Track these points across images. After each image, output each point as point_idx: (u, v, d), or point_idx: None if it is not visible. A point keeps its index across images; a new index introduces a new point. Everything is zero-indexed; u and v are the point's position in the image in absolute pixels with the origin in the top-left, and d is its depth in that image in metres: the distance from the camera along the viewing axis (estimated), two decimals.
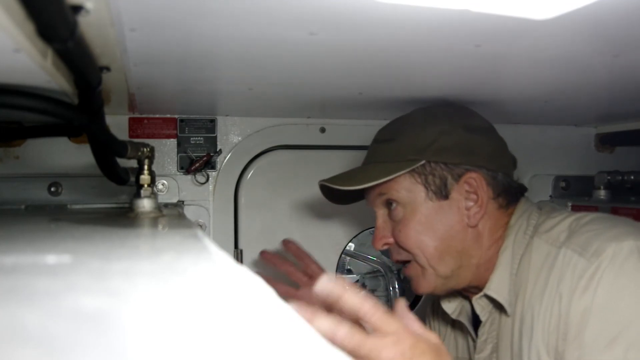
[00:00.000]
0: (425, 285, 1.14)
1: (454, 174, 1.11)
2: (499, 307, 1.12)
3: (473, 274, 1.13)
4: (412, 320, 0.84)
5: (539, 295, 1.03)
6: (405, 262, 1.15)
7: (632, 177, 1.64)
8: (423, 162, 1.10)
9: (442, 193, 1.10)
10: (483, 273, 1.12)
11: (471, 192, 1.11)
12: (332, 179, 1.18)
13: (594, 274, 0.94)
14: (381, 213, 1.17)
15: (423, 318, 1.55)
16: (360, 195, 1.23)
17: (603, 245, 0.96)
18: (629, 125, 1.73)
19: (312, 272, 1.42)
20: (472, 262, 1.12)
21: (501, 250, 1.11)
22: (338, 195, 1.24)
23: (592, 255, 0.96)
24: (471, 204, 1.11)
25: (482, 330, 1.15)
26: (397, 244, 1.14)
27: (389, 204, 1.15)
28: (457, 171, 1.11)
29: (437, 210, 1.11)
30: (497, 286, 1.09)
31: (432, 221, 1.10)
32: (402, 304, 0.86)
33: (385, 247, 1.17)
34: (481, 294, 1.12)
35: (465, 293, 1.21)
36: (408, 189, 1.11)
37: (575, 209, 1.61)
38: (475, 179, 1.10)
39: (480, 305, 1.13)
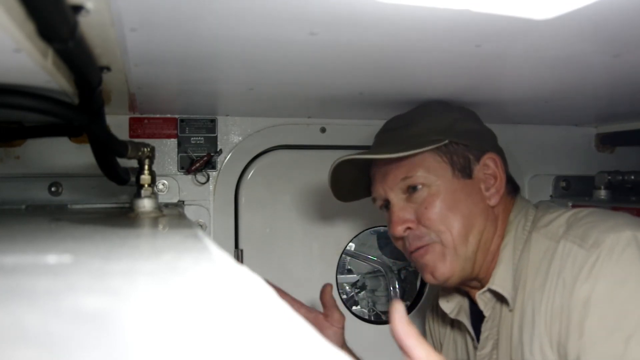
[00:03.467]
0: (444, 269, 1.12)
1: (474, 155, 1.16)
2: (500, 302, 1.13)
3: (482, 263, 1.13)
4: (407, 337, 0.67)
5: (539, 287, 1.03)
6: (420, 248, 1.13)
7: (633, 177, 1.64)
8: (447, 141, 1.13)
9: (467, 172, 1.14)
10: (489, 265, 1.14)
11: (490, 173, 1.16)
12: (360, 153, 1.16)
13: (594, 264, 0.95)
14: (398, 199, 1.15)
15: (423, 319, 1.56)
16: (366, 192, 1.25)
17: (601, 236, 0.97)
18: (629, 125, 1.73)
19: None
20: (487, 248, 1.14)
21: (502, 245, 1.13)
22: (346, 191, 1.26)
23: (591, 246, 0.97)
24: (491, 182, 1.16)
25: (485, 326, 1.15)
26: (421, 224, 1.12)
27: (410, 188, 1.13)
28: (477, 153, 1.16)
29: (462, 189, 1.13)
30: (501, 280, 1.10)
31: (458, 199, 1.12)
32: (399, 311, 0.68)
33: (406, 233, 1.14)
34: (485, 288, 1.12)
35: (465, 289, 1.21)
36: (434, 168, 1.13)
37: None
38: (494, 159, 1.17)
39: (483, 300, 1.14)
